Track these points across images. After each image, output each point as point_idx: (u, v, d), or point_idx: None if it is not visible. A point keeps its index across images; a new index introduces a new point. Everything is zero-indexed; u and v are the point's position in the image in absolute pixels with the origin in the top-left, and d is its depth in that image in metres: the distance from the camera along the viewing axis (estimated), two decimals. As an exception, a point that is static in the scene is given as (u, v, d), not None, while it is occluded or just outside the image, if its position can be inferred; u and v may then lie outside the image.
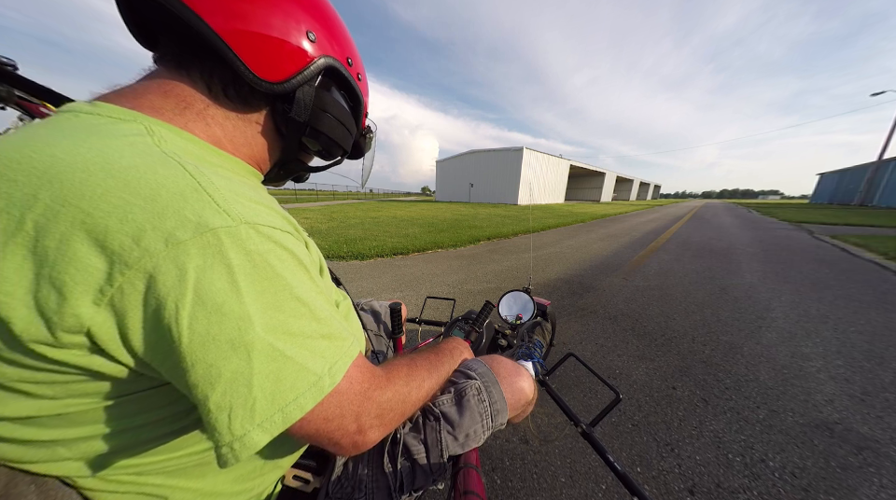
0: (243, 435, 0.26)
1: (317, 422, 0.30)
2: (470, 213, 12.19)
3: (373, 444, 0.36)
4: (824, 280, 3.31)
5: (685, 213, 16.24)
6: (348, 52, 0.45)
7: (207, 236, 0.25)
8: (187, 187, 0.26)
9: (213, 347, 0.25)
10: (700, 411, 1.31)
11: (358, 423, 0.33)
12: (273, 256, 0.29)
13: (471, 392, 0.53)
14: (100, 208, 0.23)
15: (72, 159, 0.24)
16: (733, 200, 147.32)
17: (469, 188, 31.00)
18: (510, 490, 0.98)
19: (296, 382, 0.28)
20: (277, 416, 0.27)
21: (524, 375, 0.62)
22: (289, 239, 0.32)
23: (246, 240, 0.27)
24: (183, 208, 0.25)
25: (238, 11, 0.33)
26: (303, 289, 0.31)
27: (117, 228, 0.23)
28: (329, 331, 0.32)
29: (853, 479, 1.02)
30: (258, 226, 0.28)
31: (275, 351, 0.27)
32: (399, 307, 0.86)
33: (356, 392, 0.33)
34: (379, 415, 0.36)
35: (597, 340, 1.93)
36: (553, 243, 5.62)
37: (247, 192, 0.32)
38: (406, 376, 0.42)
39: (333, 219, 8.49)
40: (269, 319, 0.27)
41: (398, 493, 0.47)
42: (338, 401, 0.32)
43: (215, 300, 0.25)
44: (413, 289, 2.88)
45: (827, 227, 8.52)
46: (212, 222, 0.25)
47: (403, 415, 0.40)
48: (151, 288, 0.24)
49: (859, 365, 1.68)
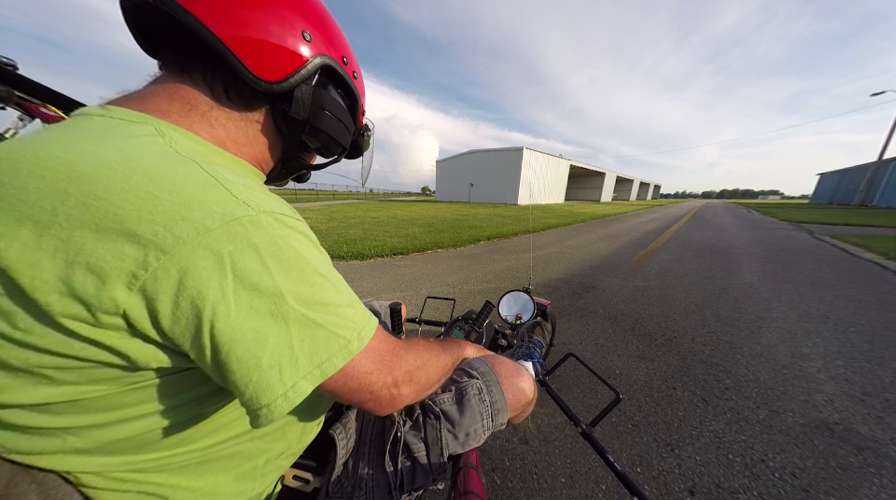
0: (293, 385, 0.30)
1: (358, 375, 0.35)
2: (470, 213, 12.19)
3: (408, 401, 0.41)
4: (824, 280, 3.31)
5: (685, 213, 16.23)
6: (343, 51, 0.47)
7: (233, 225, 0.27)
8: (206, 181, 0.29)
9: (257, 318, 0.28)
10: (700, 412, 1.31)
11: (392, 375, 0.38)
12: (292, 240, 0.32)
13: (472, 391, 0.53)
14: (129, 201, 0.25)
15: (95, 157, 0.26)
16: (733, 200, 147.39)
17: (469, 188, 31.01)
18: (510, 490, 0.98)
19: (328, 345, 0.32)
20: (317, 371, 0.31)
21: (524, 375, 0.63)
22: (302, 225, 0.35)
23: (267, 226, 0.30)
24: (206, 200, 0.27)
25: (238, 17, 0.36)
26: (323, 266, 0.34)
27: (148, 218, 0.25)
28: (351, 300, 0.36)
29: (853, 479, 1.02)
30: (274, 214, 0.31)
31: (308, 319, 0.31)
32: (399, 307, 0.86)
33: (385, 349, 0.38)
34: (408, 372, 0.41)
35: (597, 341, 1.93)
36: (552, 242, 5.62)
37: (250, 183, 0.34)
38: (424, 346, 0.48)
39: (333, 219, 8.49)
40: (299, 293, 0.30)
41: (398, 492, 0.47)
42: (372, 357, 0.36)
43: (251, 279, 0.28)
44: (413, 289, 2.88)
45: (827, 227, 8.52)
46: (235, 212, 0.28)
47: (429, 381, 0.46)
48: (190, 272, 0.26)
49: (859, 365, 1.68)
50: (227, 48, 0.35)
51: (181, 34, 0.37)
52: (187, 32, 0.35)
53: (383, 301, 0.97)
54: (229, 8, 0.35)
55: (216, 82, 0.38)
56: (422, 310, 1.30)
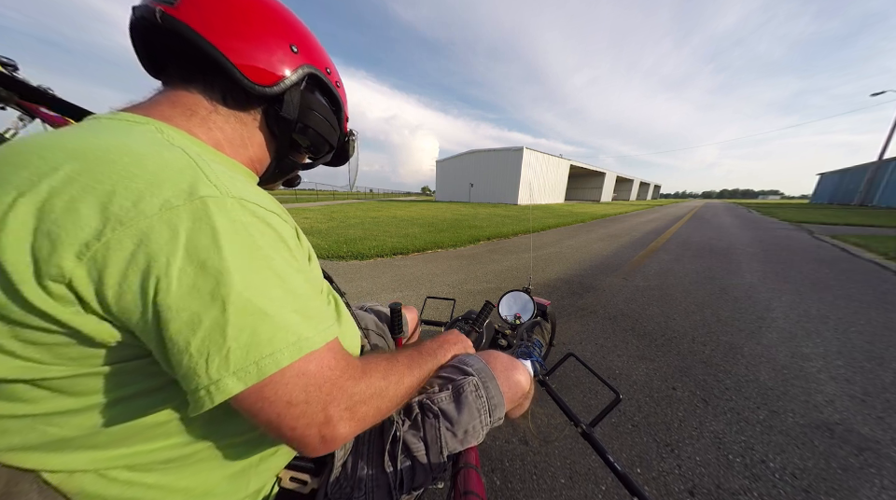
0: (218, 379, 0.27)
1: (280, 405, 0.30)
2: (470, 213, 12.19)
3: (342, 440, 0.34)
4: (824, 280, 3.30)
5: (685, 213, 16.23)
6: (326, 64, 0.52)
7: (196, 203, 0.28)
8: (185, 165, 0.30)
9: (197, 297, 0.27)
10: (700, 412, 1.31)
11: (326, 412, 0.32)
12: (254, 229, 0.31)
13: (469, 388, 0.54)
14: (110, 177, 0.27)
15: (95, 142, 0.29)
16: (733, 200, 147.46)
17: (469, 188, 31.00)
18: (509, 491, 0.98)
19: (273, 338, 0.29)
20: (252, 367, 0.28)
21: (519, 368, 0.64)
22: (275, 218, 0.35)
23: (231, 210, 0.30)
24: (180, 181, 0.29)
25: (236, 32, 0.40)
26: (281, 265, 0.32)
27: (122, 193, 0.26)
28: (303, 308, 0.33)
29: (854, 480, 1.01)
30: (243, 201, 0.31)
31: (252, 306, 0.28)
32: (399, 307, 0.86)
33: (325, 377, 0.33)
34: (350, 407, 0.34)
35: (597, 341, 1.93)
36: (552, 242, 5.62)
37: (242, 179, 0.35)
38: (384, 371, 0.41)
39: (333, 219, 8.49)
40: (247, 279, 0.28)
41: (398, 492, 0.47)
42: (304, 384, 0.31)
43: (200, 256, 0.27)
44: (413, 289, 2.87)
45: (827, 227, 8.52)
46: (202, 191, 0.29)
47: (379, 412, 0.38)
48: (143, 245, 0.26)
49: (859, 365, 1.68)
50: (226, 59, 0.39)
51: (183, 50, 0.41)
52: (189, 47, 0.39)
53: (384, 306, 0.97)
54: (228, 25, 0.40)
55: (214, 90, 0.42)
56: (422, 310, 1.30)
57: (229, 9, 0.40)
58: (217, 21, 0.39)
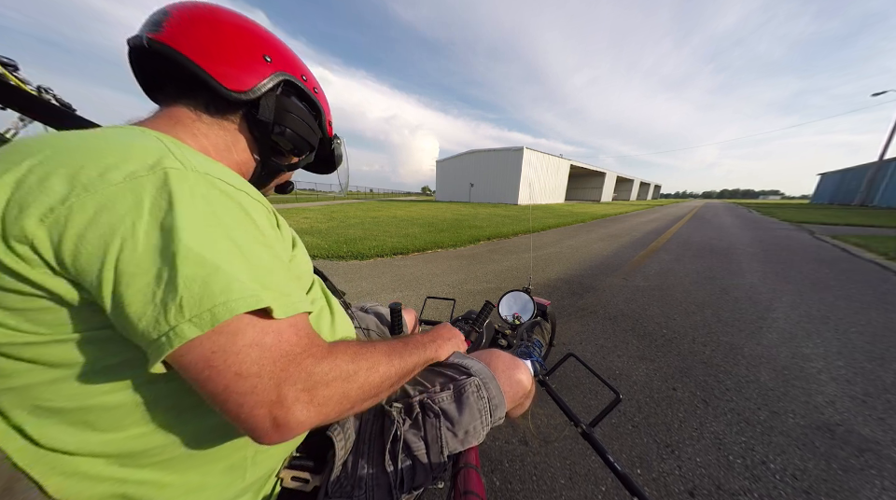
0: (175, 326, 0.27)
1: (228, 375, 0.28)
2: (471, 213, 12.19)
3: (299, 427, 0.31)
4: (825, 280, 3.30)
5: (685, 213, 16.22)
6: (302, 71, 0.56)
7: (159, 173, 0.30)
8: (157, 147, 0.32)
9: (159, 257, 0.28)
10: (700, 413, 1.31)
11: (280, 390, 0.30)
12: (215, 200, 0.32)
13: (471, 389, 0.55)
14: (83, 155, 0.29)
15: (78, 133, 0.32)
16: (733, 200, 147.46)
17: (470, 188, 31.00)
18: (509, 492, 0.98)
19: (227, 288, 0.29)
20: (206, 315, 0.28)
21: (521, 367, 0.64)
22: (243, 196, 0.35)
23: (192, 181, 0.31)
24: (146, 158, 0.31)
25: (212, 46, 0.45)
26: (242, 236, 0.32)
27: (90, 166, 0.28)
28: (261, 278, 0.32)
29: (855, 481, 1.01)
30: (209, 176, 0.33)
31: (203, 259, 0.28)
32: (399, 307, 0.86)
33: (283, 352, 0.31)
34: (309, 388, 0.31)
35: (597, 341, 1.92)
36: (553, 242, 5.61)
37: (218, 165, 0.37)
38: (354, 354, 0.38)
39: (333, 219, 8.50)
40: (200, 238, 0.29)
41: (398, 491, 0.47)
42: (258, 356, 0.29)
43: (161, 219, 0.28)
44: (413, 289, 2.87)
45: (828, 227, 8.52)
46: (165, 164, 0.31)
47: (345, 398, 0.35)
48: (106, 209, 0.27)
49: (860, 366, 1.67)
50: (203, 71, 0.43)
51: (169, 69, 0.46)
52: (173, 65, 0.44)
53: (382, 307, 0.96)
54: (204, 42, 0.44)
55: (198, 100, 0.47)
56: (422, 310, 1.30)
57: (205, 29, 0.45)
58: (195, 40, 0.44)
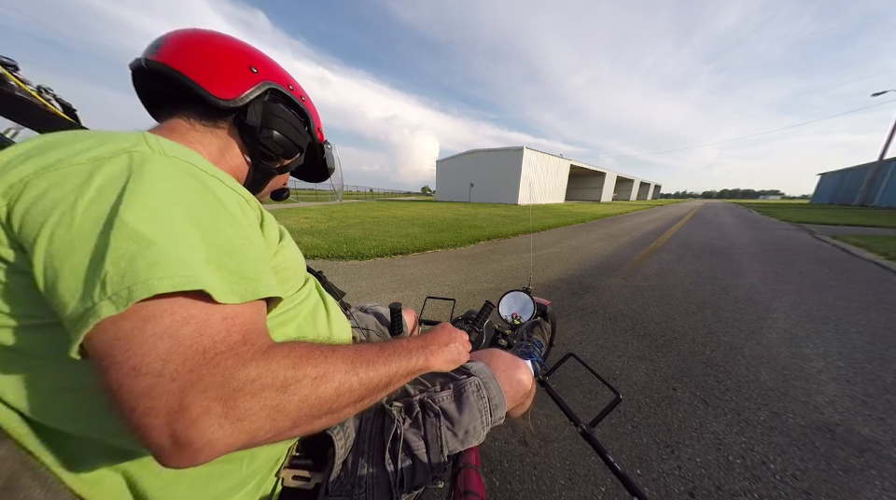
0: (93, 305, 0.24)
1: (124, 369, 0.24)
2: (470, 213, 12.19)
3: (208, 448, 0.25)
4: (825, 280, 3.30)
5: (685, 213, 16.22)
6: (288, 81, 0.59)
7: (123, 155, 0.30)
8: (134, 138, 0.33)
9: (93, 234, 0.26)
10: (700, 413, 1.31)
11: (183, 396, 0.24)
12: (179, 181, 0.31)
13: (471, 389, 0.55)
14: (67, 146, 0.30)
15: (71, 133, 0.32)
16: (733, 200, 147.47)
17: (470, 188, 31.00)
18: (509, 492, 0.98)
19: (154, 265, 0.25)
20: (124, 292, 0.24)
21: (521, 367, 0.64)
22: (217, 183, 0.35)
23: (159, 164, 0.31)
24: (120, 143, 0.31)
25: (202, 61, 0.48)
26: (205, 216, 0.31)
27: (62, 150, 0.29)
28: (220, 259, 0.29)
29: (855, 481, 1.01)
30: (178, 160, 0.33)
31: (138, 234, 0.26)
32: (399, 307, 0.86)
33: (199, 348, 0.26)
34: (224, 397, 0.25)
35: (597, 341, 1.92)
36: (553, 242, 5.61)
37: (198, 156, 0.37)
38: (299, 357, 0.31)
39: (333, 219, 8.50)
40: (145, 213, 0.27)
41: (398, 490, 0.47)
42: (166, 349, 0.24)
43: (109, 198, 0.27)
44: (413, 289, 2.87)
45: (828, 227, 8.52)
46: (134, 148, 0.31)
47: (279, 413, 0.28)
48: (57, 185, 0.27)
49: (860, 366, 1.67)
50: (193, 82, 0.46)
51: (165, 86, 0.49)
52: (168, 81, 0.47)
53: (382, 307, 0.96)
54: (195, 58, 0.48)
55: (191, 111, 0.49)
56: (422, 310, 1.30)
57: (196, 47, 0.48)
58: (186, 56, 0.47)
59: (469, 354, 0.60)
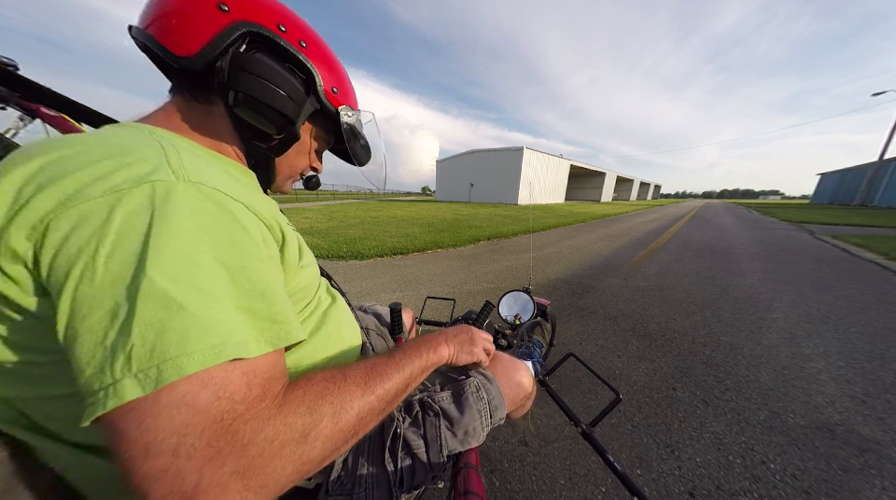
0: (115, 382, 0.22)
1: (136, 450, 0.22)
2: (471, 213, 12.18)
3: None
4: (825, 280, 3.30)
5: (685, 213, 16.22)
6: (279, 19, 0.43)
7: (144, 187, 0.27)
8: (153, 156, 0.30)
9: (117, 289, 0.24)
10: (700, 413, 1.31)
11: (200, 478, 0.22)
12: (204, 213, 0.28)
13: (470, 389, 0.55)
14: (78, 164, 0.27)
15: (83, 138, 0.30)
16: (733, 200, 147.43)
17: (470, 188, 31.00)
18: (508, 492, 0.98)
19: (185, 338, 0.23)
20: (153, 371, 0.22)
21: (522, 370, 0.64)
22: (239, 208, 0.31)
23: (182, 194, 0.28)
24: (139, 168, 0.28)
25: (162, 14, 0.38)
26: (233, 254, 0.28)
27: (78, 177, 0.26)
28: (249, 305, 0.28)
29: (855, 481, 1.01)
30: (202, 186, 0.29)
31: (167, 298, 0.24)
32: (399, 307, 0.86)
33: (219, 412, 0.24)
34: (244, 469, 0.24)
35: (597, 341, 1.92)
36: (553, 242, 5.61)
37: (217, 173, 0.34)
38: (315, 400, 0.30)
39: (333, 219, 8.49)
40: (170, 266, 0.25)
41: (398, 490, 0.47)
42: (182, 422, 0.23)
43: (131, 241, 0.25)
44: (413, 289, 2.87)
45: (828, 227, 8.51)
46: (153, 176, 0.28)
47: (304, 463, 0.28)
48: (78, 227, 0.25)
49: (860, 366, 1.67)
50: (157, 43, 0.38)
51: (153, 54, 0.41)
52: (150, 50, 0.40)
53: (382, 307, 0.96)
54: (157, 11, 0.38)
55: (182, 87, 0.42)
56: (422, 310, 1.30)
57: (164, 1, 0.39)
58: (153, 10, 0.38)
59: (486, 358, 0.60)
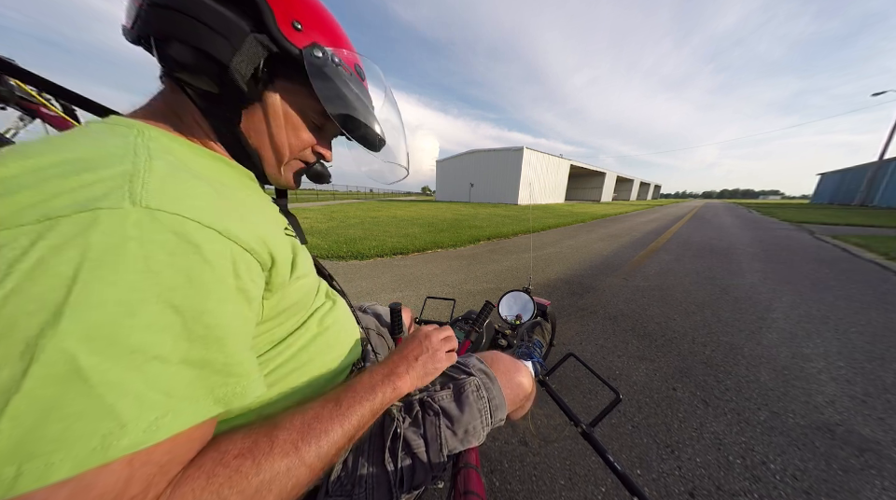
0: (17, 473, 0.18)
1: None
2: (471, 213, 12.18)
3: None
4: (825, 280, 3.30)
5: (685, 213, 16.22)
6: None
7: (85, 215, 0.22)
8: (117, 172, 0.25)
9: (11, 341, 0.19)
10: (700, 413, 1.31)
11: None
12: (158, 251, 0.23)
13: (470, 388, 0.55)
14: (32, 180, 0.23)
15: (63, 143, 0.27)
16: (733, 200, 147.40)
17: (470, 188, 31.01)
18: (508, 492, 0.98)
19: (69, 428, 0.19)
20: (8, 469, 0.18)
21: (522, 371, 0.64)
22: (208, 236, 0.26)
23: (130, 224, 0.23)
24: (92, 187, 0.23)
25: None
26: (184, 298, 0.24)
27: (24, 196, 0.22)
28: (202, 356, 0.24)
29: (855, 481, 1.01)
30: (159, 212, 0.24)
31: (71, 367, 0.19)
32: (399, 307, 0.86)
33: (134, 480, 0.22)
34: None
35: (597, 341, 1.92)
36: (552, 242, 5.61)
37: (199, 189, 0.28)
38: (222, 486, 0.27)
39: (333, 219, 8.49)
40: (95, 321, 0.20)
41: (398, 490, 0.46)
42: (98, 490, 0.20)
43: (43, 284, 0.20)
44: (413, 289, 2.87)
45: (828, 227, 8.51)
46: (102, 202, 0.23)
47: None
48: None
49: (860, 366, 1.67)
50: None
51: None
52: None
53: (382, 307, 0.96)
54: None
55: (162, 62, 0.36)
56: (422, 310, 1.30)
57: None
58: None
59: (455, 355, 0.59)
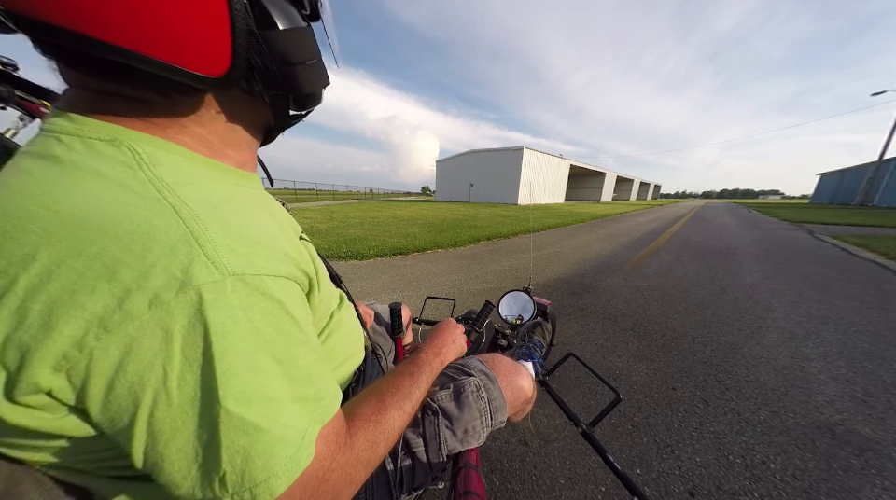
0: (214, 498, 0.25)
1: None
2: (470, 213, 12.19)
3: None
4: (825, 280, 3.30)
5: (685, 213, 16.22)
6: None
7: (191, 294, 0.24)
8: (179, 238, 0.25)
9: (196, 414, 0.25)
10: (700, 412, 1.31)
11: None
12: (256, 314, 0.27)
13: (470, 388, 0.55)
14: (93, 268, 0.22)
15: (70, 212, 0.23)
16: (733, 200, 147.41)
17: (469, 188, 31.02)
18: (508, 492, 0.98)
19: (268, 462, 0.26)
20: (247, 494, 0.26)
21: (523, 373, 0.64)
22: (282, 286, 0.31)
23: (231, 295, 0.26)
24: (171, 264, 0.24)
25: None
26: (280, 348, 0.29)
27: (105, 288, 0.22)
28: (301, 394, 0.30)
29: (855, 481, 1.01)
30: (246, 277, 0.27)
31: (244, 423, 0.25)
32: (399, 307, 0.86)
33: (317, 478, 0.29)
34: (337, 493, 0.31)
35: (597, 341, 1.92)
36: (552, 242, 5.61)
37: (241, 224, 0.30)
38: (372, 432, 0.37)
39: (333, 219, 8.49)
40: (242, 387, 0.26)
41: (398, 490, 0.46)
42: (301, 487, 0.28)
43: (198, 363, 0.25)
44: (413, 289, 2.87)
45: (828, 227, 8.51)
46: (197, 278, 0.25)
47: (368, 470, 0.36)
48: (133, 353, 0.23)
49: (860, 365, 1.67)
50: None
51: None
52: None
53: (385, 305, 0.96)
54: None
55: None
56: (422, 310, 1.30)
57: None
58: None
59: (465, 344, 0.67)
